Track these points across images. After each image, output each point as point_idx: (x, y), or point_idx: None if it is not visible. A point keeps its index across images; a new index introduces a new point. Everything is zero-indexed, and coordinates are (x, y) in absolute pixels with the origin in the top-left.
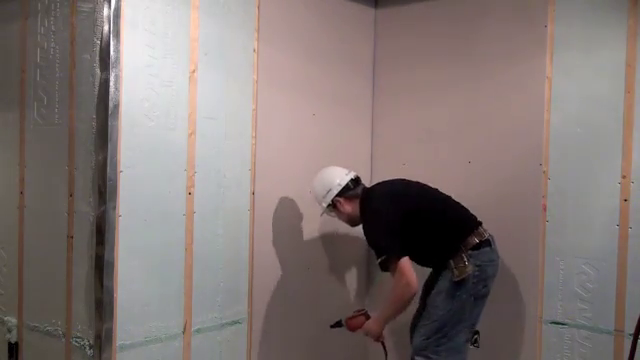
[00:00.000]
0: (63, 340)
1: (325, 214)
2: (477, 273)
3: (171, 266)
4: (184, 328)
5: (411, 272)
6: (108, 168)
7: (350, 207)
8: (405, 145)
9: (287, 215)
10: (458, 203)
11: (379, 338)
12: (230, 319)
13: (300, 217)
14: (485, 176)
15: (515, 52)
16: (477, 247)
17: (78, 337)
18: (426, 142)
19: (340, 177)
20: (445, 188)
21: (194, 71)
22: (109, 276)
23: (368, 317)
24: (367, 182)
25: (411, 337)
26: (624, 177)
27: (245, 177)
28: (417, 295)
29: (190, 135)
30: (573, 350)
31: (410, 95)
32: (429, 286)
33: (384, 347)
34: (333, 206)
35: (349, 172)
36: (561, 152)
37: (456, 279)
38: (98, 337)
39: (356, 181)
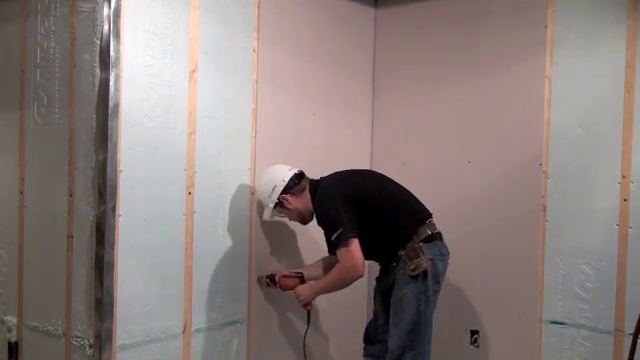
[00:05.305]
0: (63, 340)
1: (275, 217)
2: (431, 268)
3: (171, 266)
4: (184, 328)
5: (360, 256)
6: (108, 168)
7: (298, 202)
8: (405, 145)
9: None
10: (410, 193)
11: (307, 306)
12: (230, 319)
13: None
14: (485, 176)
15: (515, 52)
16: (429, 239)
17: (78, 337)
18: (426, 142)
19: (283, 173)
20: (445, 188)
21: (194, 71)
22: (109, 276)
23: (303, 281)
24: None
25: (367, 346)
26: (624, 177)
27: (245, 177)
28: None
29: (190, 135)
30: (573, 350)
31: (410, 95)
32: (385, 292)
33: (309, 316)
34: (281, 205)
35: (292, 168)
36: (561, 152)
37: (412, 273)
38: (98, 337)
39: (300, 176)
